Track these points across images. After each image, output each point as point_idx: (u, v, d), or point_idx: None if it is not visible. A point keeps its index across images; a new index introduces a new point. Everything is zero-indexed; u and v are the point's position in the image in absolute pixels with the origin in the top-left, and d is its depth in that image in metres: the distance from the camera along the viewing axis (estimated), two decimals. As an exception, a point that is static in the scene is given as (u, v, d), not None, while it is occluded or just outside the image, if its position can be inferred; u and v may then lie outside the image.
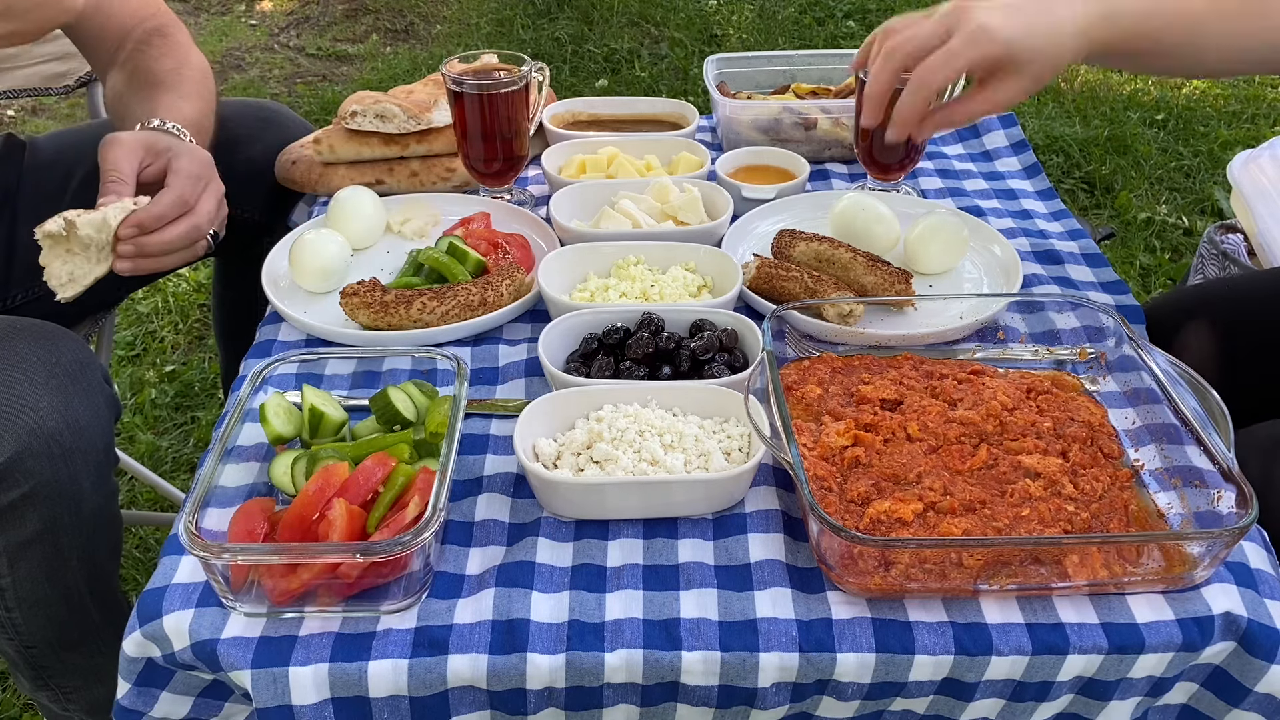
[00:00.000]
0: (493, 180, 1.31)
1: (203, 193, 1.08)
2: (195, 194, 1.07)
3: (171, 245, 1.06)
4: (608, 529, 0.84)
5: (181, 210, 1.06)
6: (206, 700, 0.81)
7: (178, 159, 1.08)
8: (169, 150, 1.08)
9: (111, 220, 1.02)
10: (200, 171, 1.09)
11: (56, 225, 1.00)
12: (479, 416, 0.97)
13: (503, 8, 4.04)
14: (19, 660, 1.13)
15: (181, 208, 1.06)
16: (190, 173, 1.07)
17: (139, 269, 1.05)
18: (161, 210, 1.04)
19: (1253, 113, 3.26)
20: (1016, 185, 1.39)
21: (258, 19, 4.14)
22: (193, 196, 1.07)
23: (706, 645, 0.75)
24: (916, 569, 0.75)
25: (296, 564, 0.74)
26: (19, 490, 0.98)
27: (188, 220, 1.06)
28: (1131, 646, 0.75)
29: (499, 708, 0.76)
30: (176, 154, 1.08)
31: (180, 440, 2.07)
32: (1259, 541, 0.83)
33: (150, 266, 1.06)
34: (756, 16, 3.90)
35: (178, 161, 1.08)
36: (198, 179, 1.08)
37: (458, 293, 1.06)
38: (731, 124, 1.42)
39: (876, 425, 0.88)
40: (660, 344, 0.96)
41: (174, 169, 1.07)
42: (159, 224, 1.04)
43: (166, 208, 1.04)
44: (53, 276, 1.02)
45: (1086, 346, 0.98)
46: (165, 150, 1.08)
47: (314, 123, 1.37)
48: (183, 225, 1.06)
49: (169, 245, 1.05)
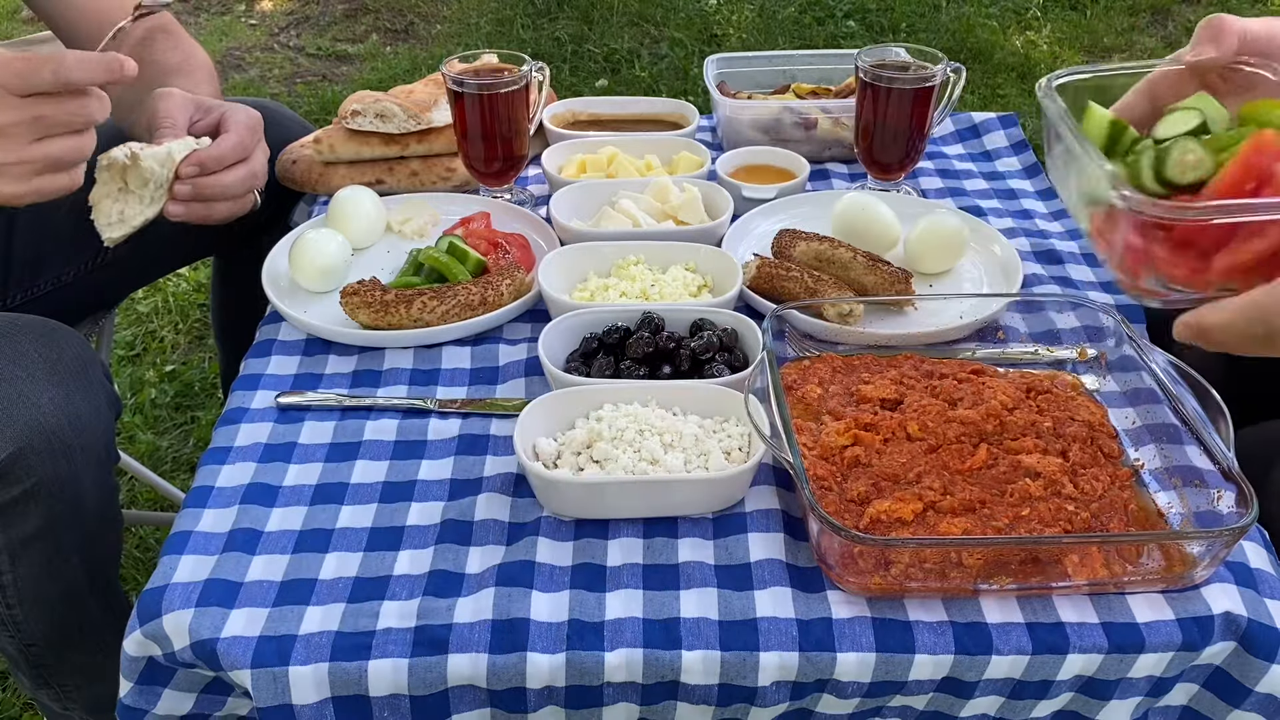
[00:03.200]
0: (493, 180, 1.31)
1: (256, 146, 1.10)
2: (252, 144, 1.08)
3: (228, 190, 1.06)
4: (608, 528, 0.84)
5: (241, 156, 1.07)
6: (209, 696, 0.81)
7: (232, 113, 1.09)
8: (220, 107, 1.10)
9: (176, 154, 1.02)
10: (254, 124, 1.10)
11: (122, 154, 0.99)
12: (479, 416, 0.97)
13: (503, 8, 4.04)
14: (19, 659, 1.13)
15: (241, 153, 1.07)
16: (246, 124, 1.09)
17: (190, 214, 1.05)
18: (222, 152, 1.05)
19: (1252, 113, 3.26)
20: (1016, 185, 1.39)
21: (258, 19, 4.13)
22: (250, 145, 1.08)
23: (706, 644, 0.75)
24: (916, 568, 0.75)
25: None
26: (20, 487, 0.98)
27: (245, 167, 1.08)
28: (1131, 646, 0.75)
29: (499, 706, 0.76)
30: (229, 109, 1.10)
31: (180, 440, 2.08)
32: (1259, 541, 0.83)
33: (201, 213, 1.06)
34: (756, 16, 3.89)
35: (232, 115, 1.09)
36: (253, 130, 1.09)
37: (458, 292, 1.06)
38: (731, 124, 1.42)
39: (876, 425, 0.88)
40: (660, 344, 0.96)
41: (229, 120, 1.08)
42: (219, 166, 1.05)
43: (227, 150, 1.05)
44: (101, 215, 1.01)
45: (1086, 346, 0.98)
46: (215, 107, 1.10)
47: (314, 123, 1.37)
48: (241, 171, 1.07)
49: (226, 190, 1.06)
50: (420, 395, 1.00)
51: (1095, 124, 0.91)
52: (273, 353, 1.06)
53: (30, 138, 0.90)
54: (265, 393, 1.00)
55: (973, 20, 3.74)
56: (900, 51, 1.30)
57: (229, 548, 0.83)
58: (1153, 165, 0.83)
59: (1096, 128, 0.90)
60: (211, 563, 0.81)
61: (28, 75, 0.88)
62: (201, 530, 0.84)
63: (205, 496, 0.88)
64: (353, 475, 0.90)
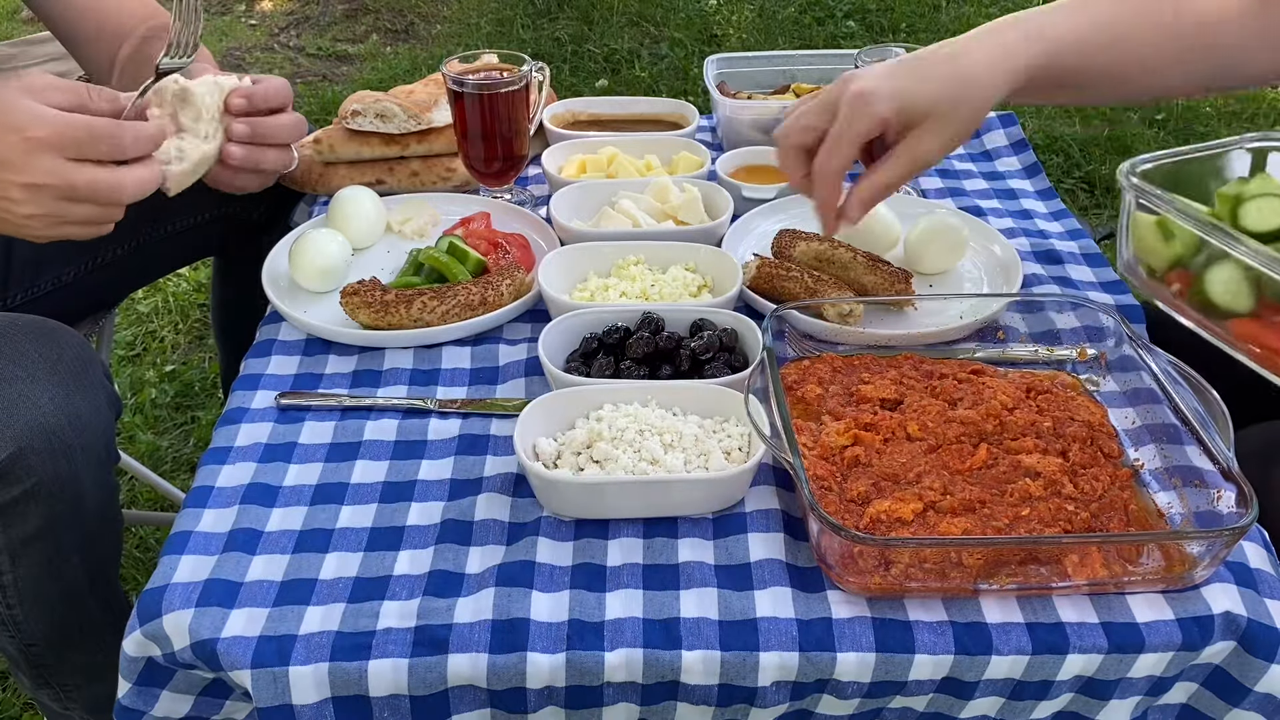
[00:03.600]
0: (493, 180, 1.31)
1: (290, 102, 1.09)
2: (290, 95, 1.08)
3: (280, 132, 1.06)
4: (608, 528, 0.84)
5: (285, 99, 1.07)
6: (207, 699, 0.81)
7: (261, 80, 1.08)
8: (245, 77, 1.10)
9: (224, 84, 1.02)
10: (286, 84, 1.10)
11: (170, 83, 0.99)
12: (479, 416, 0.97)
13: (503, 8, 4.04)
14: (19, 658, 1.13)
15: (286, 96, 1.06)
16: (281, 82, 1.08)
17: (248, 159, 1.05)
18: (268, 91, 1.05)
19: (1252, 112, 3.27)
20: (1016, 185, 1.39)
21: (258, 19, 4.14)
22: (290, 95, 1.08)
23: (706, 644, 0.75)
24: (916, 568, 0.75)
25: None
26: (21, 487, 0.98)
27: (292, 115, 1.07)
28: (1131, 646, 0.75)
29: (499, 706, 0.76)
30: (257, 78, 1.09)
31: (180, 440, 2.08)
32: (1259, 541, 0.83)
33: (255, 158, 1.05)
34: (756, 16, 3.90)
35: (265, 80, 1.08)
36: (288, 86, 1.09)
37: (458, 292, 1.06)
38: (731, 124, 1.42)
39: (876, 425, 0.88)
40: (660, 344, 0.96)
41: (262, 80, 1.07)
42: (265, 104, 1.05)
43: (273, 90, 1.05)
44: (159, 152, 1.00)
45: (1086, 346, 0.98)
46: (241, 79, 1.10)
47: (314, 123, 1.37)
48: (289, 116, 1.07)
49: (279, 131, 1.06)
50: (420, 395, 1.00)
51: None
52: (273, 353, 1.06)
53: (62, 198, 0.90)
54: (265, 393, 1.00)
55: (972, 20, 3.74)
56: (900, 51, 1.30)
57: (229, 548, 0.83)
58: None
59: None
60: (211, 563, 0.81)
61: (84, 146, 0.89)
62: (201, 530, 0.84)
63: (205, 496, 0.88)
64: (353, 475, 0.90)
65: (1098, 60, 0.94)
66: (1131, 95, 1.01)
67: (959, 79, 0.89)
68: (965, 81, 0.89)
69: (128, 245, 1.34)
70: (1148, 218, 0.99)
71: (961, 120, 0.90)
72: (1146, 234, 1.00)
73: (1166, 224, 0.97)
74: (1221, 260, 0.93)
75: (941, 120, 0.89)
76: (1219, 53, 0.95)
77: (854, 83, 0.89)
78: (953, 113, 0.89)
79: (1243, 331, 0.92)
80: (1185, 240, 0.96)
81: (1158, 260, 1.00)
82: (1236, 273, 0.92)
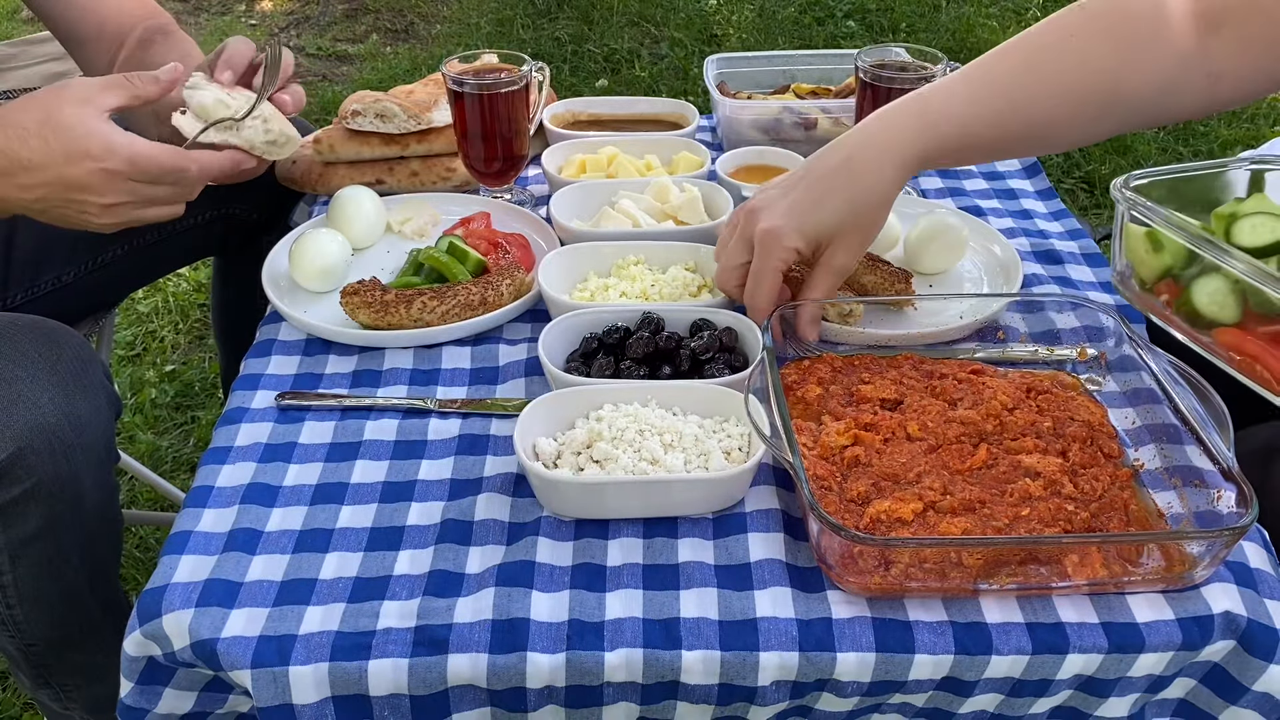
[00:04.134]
0: (493, 180, 1.31)
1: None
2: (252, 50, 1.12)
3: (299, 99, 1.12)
4: (608, 528, 0.84)
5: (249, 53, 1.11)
6: (210, 694, 0.81)
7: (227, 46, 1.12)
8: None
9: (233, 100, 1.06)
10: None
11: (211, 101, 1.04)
12: (479, 416, 0.97)
13: (503, 8, 4.04)
14: (20, 658, 1.13)
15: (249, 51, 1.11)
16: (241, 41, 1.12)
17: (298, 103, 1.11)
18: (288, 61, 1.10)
19: (1252, 112, 3.27)
20: (1016, 185, 1.39)
21: (258, 19, 4.14)
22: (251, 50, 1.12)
23: (706, 644, 0.75)
24: (916, 568, 0.75)
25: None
26: (21, 487, 0.98)
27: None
28: (1131, 646, 0.75)
29: (499, 706, 0.76)
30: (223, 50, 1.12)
31: (180, 440, 2.08)
32: (1259, 541, 0.83)
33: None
34: (756, 16, 3.90)
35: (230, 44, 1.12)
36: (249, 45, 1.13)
37: (458, 292, 1.06)
38: (731, 124, 1.42)
39: (876, 425, 0.88)
40: (660, 344, 0.96)
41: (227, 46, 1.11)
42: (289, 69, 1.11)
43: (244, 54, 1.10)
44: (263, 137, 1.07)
45: (1086, 346, 0.98)
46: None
47: (314, 123, 1.37)
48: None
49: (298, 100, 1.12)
50: (420, 395, 1.00)
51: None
52: (273, 353, 1.06)
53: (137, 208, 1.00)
54: (265, 393, 1.00)
55: (973, 20, 3.74)
56: (900, 51, 1.30)
57: (229, 548, 0.83)
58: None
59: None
60: (211, 563, 0.81)
61: (156, 178, 0.98)
62: (201, 530, 0.84)
63: (205, 496, 0.88)
64: (353, 475, 0.90)
65: (1011, 128, 0.95)
66: (1057, 149, 1.03)
67: (853, 191, 0.93)
68: (860, 192, 0.93)
69: (128, 245, 1.34)
70: (1138, 230, 1.00)
71: (865, 228, 0.95)
72: (1137, 245, 1.01)
73: (1156, 235, 0.99)
74: (1209, 273, 0.95)
75: (846, 236, 0.94)
76: (1140, 104, 0.96)
77: (761, 219, 0.94)
78: (855, 226, 0.94)
79: (1225, 340, 0.95)
80: (1174, 251, 0.99)
81: (1147, 271, 1.01)
82: (1223, 284, 0.95)
